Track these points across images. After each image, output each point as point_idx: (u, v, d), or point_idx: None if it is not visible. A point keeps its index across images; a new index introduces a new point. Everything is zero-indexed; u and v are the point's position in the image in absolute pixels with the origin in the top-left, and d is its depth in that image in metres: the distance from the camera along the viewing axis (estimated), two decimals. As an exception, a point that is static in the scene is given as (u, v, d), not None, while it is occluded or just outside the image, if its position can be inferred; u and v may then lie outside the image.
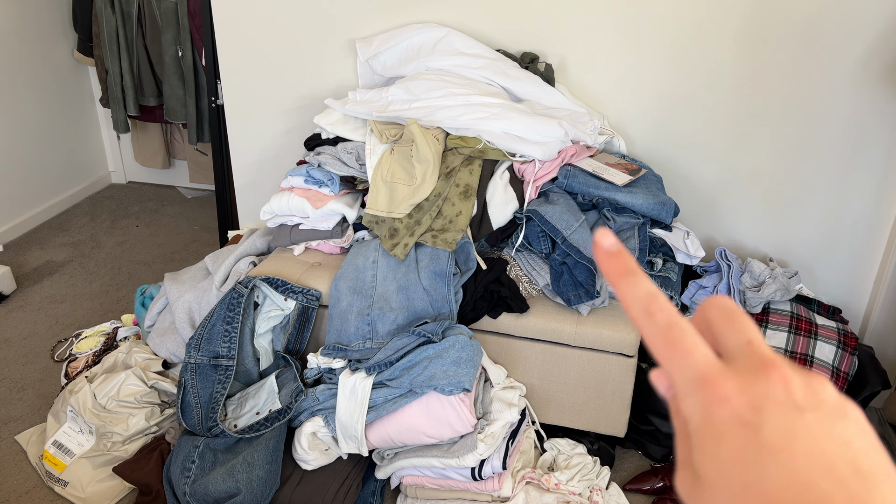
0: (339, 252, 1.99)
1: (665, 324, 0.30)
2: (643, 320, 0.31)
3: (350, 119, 2.00)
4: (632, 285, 0.31)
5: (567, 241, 1.72)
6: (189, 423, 1.73)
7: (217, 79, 2.44)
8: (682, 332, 0.30)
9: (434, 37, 2.03)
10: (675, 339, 0.30)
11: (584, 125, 1.92)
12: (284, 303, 1.84)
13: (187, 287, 2.01)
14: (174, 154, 3.65)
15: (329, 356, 1.74)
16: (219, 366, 1.76)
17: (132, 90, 3.18)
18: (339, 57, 2.21)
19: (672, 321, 0.30)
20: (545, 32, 2.05)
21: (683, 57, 1.99)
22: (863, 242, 2.10)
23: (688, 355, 0.29)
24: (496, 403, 1.72)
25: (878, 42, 1.87)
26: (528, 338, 1.78)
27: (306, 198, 1.90)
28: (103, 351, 2.18)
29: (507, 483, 1.68)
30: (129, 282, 2.83)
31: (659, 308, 0.30)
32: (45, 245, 3.11)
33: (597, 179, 1.86)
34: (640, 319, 0.31)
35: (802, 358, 1.85)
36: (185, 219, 3.41)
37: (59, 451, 1.84)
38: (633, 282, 0.31)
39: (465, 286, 1.77)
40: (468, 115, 1.83)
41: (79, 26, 3.22)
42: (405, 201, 1.78)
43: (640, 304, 0.31)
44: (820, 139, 2.01)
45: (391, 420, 1.65)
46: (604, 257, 0.32)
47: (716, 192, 2.14)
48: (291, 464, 1.72)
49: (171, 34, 3.04)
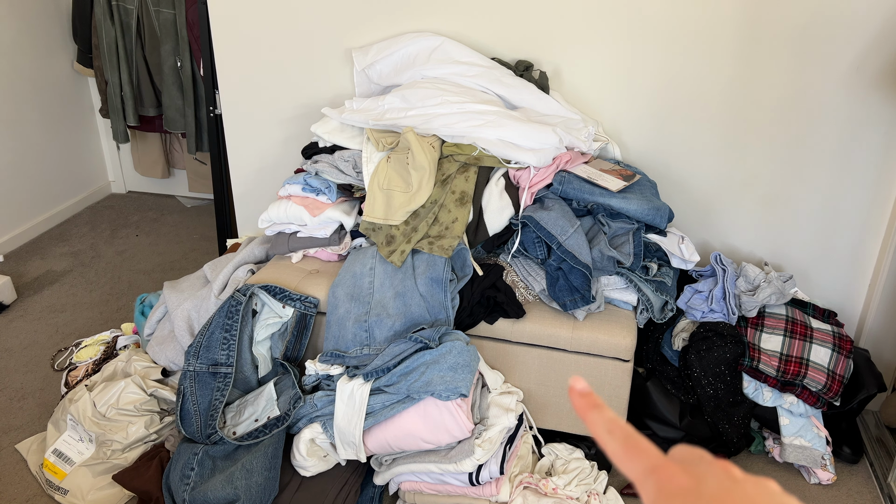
0: (337, 259, 2.00)
1: (623, 436, 0.38)
2: (607, 438, 0.38)
3: (347, 127, 2.02)
4: (598, 414, 0.39)
5: (562, 246, 1.74)
6: (188, 431, 1.74)
7: (215, 89, 2.47)
8: (637, 440, 0.38)
9: (429, 46, 2.05)
10: (632, 445, 0.37)
11: (578, 132, 1.94)
12: (282, 310, 1.85)
13: (186, 295, 2.02)
14: (173, 164, 3.67)
15: (327, 363, 1.75)
16: (217, 373, 1.77)
17: (131, 100, 3.20)
18: (335, 66, 2.23)
19: (628, 434, 0.38)
20: (540, 41, 2.07)
21: (677, 63, 2.01)
22: (857, 246, 2.11)
23: (642, 454, 0.37)
24: (493, 408, 1.73)
25: (871, 47, 1.89)
26: (524, 343, 1.79)
27: (304, 206, 1.91)
28: (103, 360, 2.19)
29: (505, 488, 1.69)
30: (129, 291, 2.84)
31: (618, 427, 0.38)
32: (46, 255, 3.13)
33: (591, 185, 1.88)
34: (604, 438, 0.38)
35: (798, 361, 1.86)
36: (184, 228, 3.42)
37: (60, 459, 1.85)
38: (598, 412, 0.40)
39: (462, 292, 1.79)
40: (464, 123, 1.85)
41: (78, 38, 3.25)
42: (402, 208, 1.79)
43: (605, 427, 0.39)
44: (814, 143, 2.03)
45: (389, 426, 1.66)
46: (576, 396, 0.41)
47: (710, 197, 2.16)
48: (290, 470, 1.73)
49: (170, 45, 3.07)
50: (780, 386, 1.85)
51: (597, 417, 0.40)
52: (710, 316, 1.90)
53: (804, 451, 1.88)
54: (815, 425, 1.89)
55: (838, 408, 1.91)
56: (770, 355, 1.86)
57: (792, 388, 1.85)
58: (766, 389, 1.87)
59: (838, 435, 2.02)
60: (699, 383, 1.87)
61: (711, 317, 1.90)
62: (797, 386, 1.85)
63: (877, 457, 2.01)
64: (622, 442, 0.38)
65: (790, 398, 1.86)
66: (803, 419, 1.88)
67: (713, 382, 1.86)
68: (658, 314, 1.82)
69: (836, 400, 1.86)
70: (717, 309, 1.89)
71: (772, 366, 1.85)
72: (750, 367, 1.86)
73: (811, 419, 1.89)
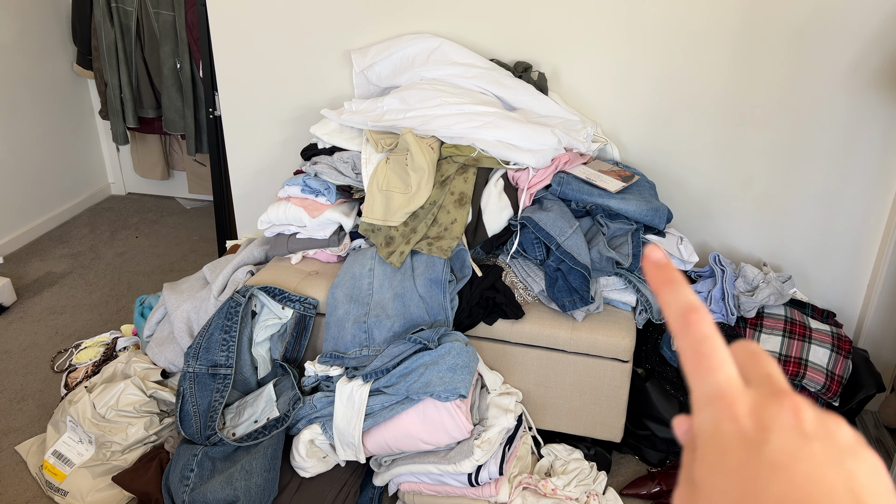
0: (336, 261, 2.01)
1: (699, 335, 0.31)
2: (679, 328, 0.32)
3: (346, 129, 2.02)
4: (674, 293, 0.32)
5: (561, 247, 1.74)
6: (188, 432, 1.75)
7: (215, 90, 2.47)
8: (713, 348, 0.30)
9: (428, 47, 2.06)
10: (706, 352, 0.30)
11: (577, 133, 1.94)
12: (282, 311, 1.85)
13: (186, 297, 2.02)
14: (173, 165, 3.68)
15: (326, 364, 1.75)
16: (217, 374, 1.78)
17: (131, 102, 3.20)
18: (335, 68, 2.23)
19: (706, 334, 0.31)
20: (538, 42, 2.07)
21: (675, 64, 2.02)
22: (856, 246, 2.11)
23: (713, 371, 0.30)
24: (492, 409, 1.73)
25: (869, 47, 1.89)
26: (523, 344, 1.80)
27: (303, 207, 1.91)
28: (103, 361, 2.19)
29: (504, 489, 1.69)
30: (129, 292, 2.84)
31: (697, 319, 0.31)
32: (46, 256, 3.13)
33: (590, 186, 1.88)
34: (677, 326, 0.32)
35: (797, 361, 1.86)
36: (184, 229, 3.42)
37: (59, 460, 1.85)
38: (675, 290, 0.32)
39: (461, 293, 1.79)
40: (462, 124, 1.85)
41: (78, 40, 3.25)
42: (401, 209, 1.80)
43: (679, 311, 0.32)
44: (812, 144, 2.03)
45: (388, 427, 1.66)
46: (651, 267, 0.34)
47: (709, 198, 2.16)
48: (289, 471, 1.73)
49: (170, 47, 3.07)
50: (779, 386, 1.85)
51: (671, 298, 0.32)
52: (709, 316, 1.90)
53: (803, 452, 1.88)
54: (814, 425, 1.89)
55: (837, 408, 1.91)
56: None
57: (791, 389, 1.86)
58: (765, 390, 1.87)
59: (837, 435, 2.02)
60: (698, 384, 1.87)
61: (710, 317, 1.90)
62: (796, 386, 1.85)
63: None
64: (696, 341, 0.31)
65: (789, 398, 1.86)
66: (802, 419, 1.88)
67: (712, 383, 1.86)
68: (657, 315, 1.83)
69: (835, 400, 1.87)
70: (715, 309, 1.89)
71: (771, 366, 1.85)
72: (749, 368, 1.86)
73: (810, 419, 1.89)
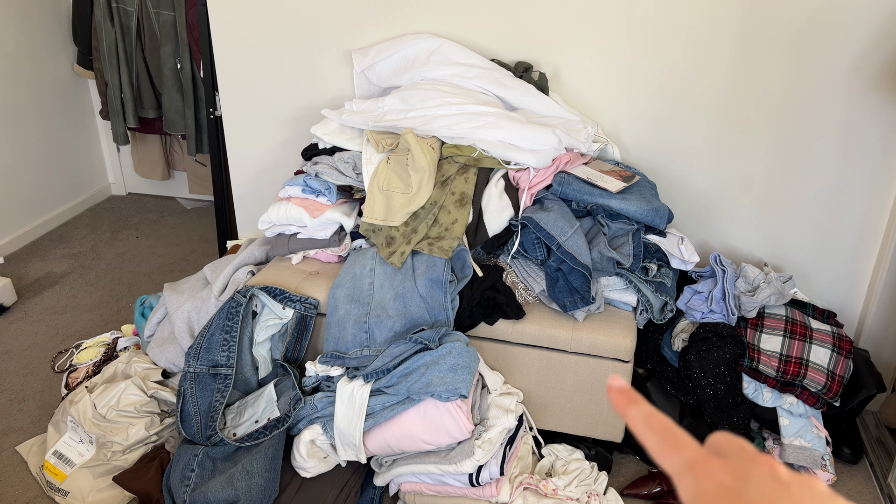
0: (337, 261, 2.01)
1: (661, 429, 0.37)
2: (644, 431, 0.38)
3: (347, 129, 2.02)
4: (636, 409, 0.39)
5: (562, 247, 1.74)
6: (188, 432, 1.75)
7: (215, 90, 2.47)
8: (675, 433, 0.37)
9: (429, 47, 2.05)
10: (670, 438, 0.37)
11: (577, 133, 1.94)
12: (282, 311, 1.85)
13: (186, 297, 2.02)
14: (174, 165, 3.68)
15: (327, 364, 1.75)
16: (218, 375, 1.78)
17: (132, 102, 3.20)
18: (335, 68, 2.23)
19: (667, 426, 0.37)
20: (539, 42, 2.07)
21: (676, 64, 2.02)
22: (857, 246, 2.11)
23: (680, 448, 0.36)
24: (493, 409, 1.73)
25: (870, 47, 1.89)
26: (524, 344, 1.80)
27: (304, 207, 1.91)
28: (103, 361, 2.19)
29: (505, 489, 1.69)
30: (129, 292, 2.85)
31: (656, 420, 0.38)
32: (46, 257, 3.13)
33: (591, 186, 1.88)
34: (642, 431, 0.38)
35: (797, 362, 1.86)
36: (184, 229, 3.42)
37: (60, 461, 1.85)
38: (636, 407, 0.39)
39: (462, 293, 1.79)
40: (463, 124, 1.85)
41: (78, 40, 3.26)
42: (401, 210, 1.80)
43: (642, 419, 0.38)
44: (813, 144, 2.03)
45: (389, 427, 1.66)
46: (614, 394, 0.41)
47: (710, 198, 2.16)
48: (290, 471, 1.73)
49: (170, 47, 3.07)
50: (780, 386, 1.85)
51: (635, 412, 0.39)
52: (710, 317, 1.90)
53: (804, 452, 1.88)
54: (814, 426, 1.89)
55: (838, 408, 1.91)
56: (770, 356, 1.86)
57: (791, 389, 1.86)
58: (766, 390, 1.87)
59: (838, 435, 2.02)
60: (699, 384, 1.87)
61: (711, 317, 1.90)
62: (797, 386, 1.85)
63: (877, 457, 2.01)
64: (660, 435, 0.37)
65: (790, 399, 1.87)
66: (803, 420, 1.88)
67: (713, 383, 1.86)
68: (658, 315, 1.83)
69: (836, 400, 1.86)
70: (716, 310, 1.89)
71: (771, 366, 1.85)
72: (749, 368, 1.86)
73: (811, 420, 1.89)
